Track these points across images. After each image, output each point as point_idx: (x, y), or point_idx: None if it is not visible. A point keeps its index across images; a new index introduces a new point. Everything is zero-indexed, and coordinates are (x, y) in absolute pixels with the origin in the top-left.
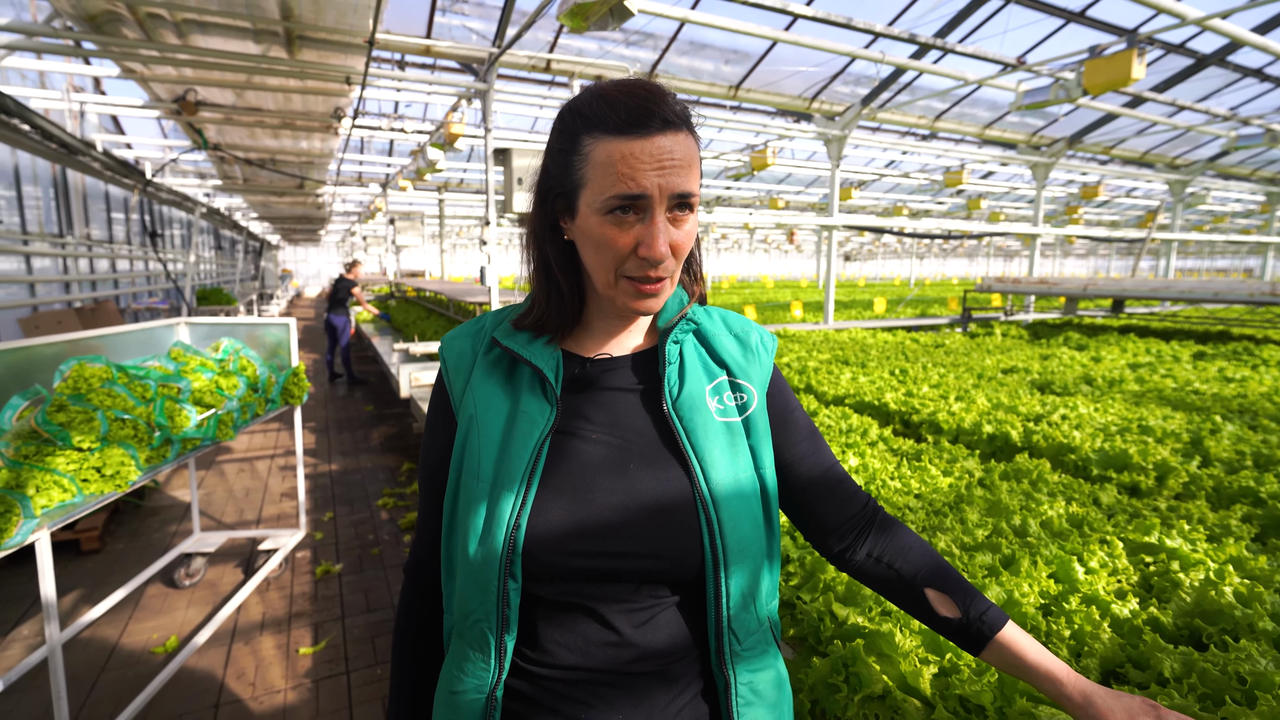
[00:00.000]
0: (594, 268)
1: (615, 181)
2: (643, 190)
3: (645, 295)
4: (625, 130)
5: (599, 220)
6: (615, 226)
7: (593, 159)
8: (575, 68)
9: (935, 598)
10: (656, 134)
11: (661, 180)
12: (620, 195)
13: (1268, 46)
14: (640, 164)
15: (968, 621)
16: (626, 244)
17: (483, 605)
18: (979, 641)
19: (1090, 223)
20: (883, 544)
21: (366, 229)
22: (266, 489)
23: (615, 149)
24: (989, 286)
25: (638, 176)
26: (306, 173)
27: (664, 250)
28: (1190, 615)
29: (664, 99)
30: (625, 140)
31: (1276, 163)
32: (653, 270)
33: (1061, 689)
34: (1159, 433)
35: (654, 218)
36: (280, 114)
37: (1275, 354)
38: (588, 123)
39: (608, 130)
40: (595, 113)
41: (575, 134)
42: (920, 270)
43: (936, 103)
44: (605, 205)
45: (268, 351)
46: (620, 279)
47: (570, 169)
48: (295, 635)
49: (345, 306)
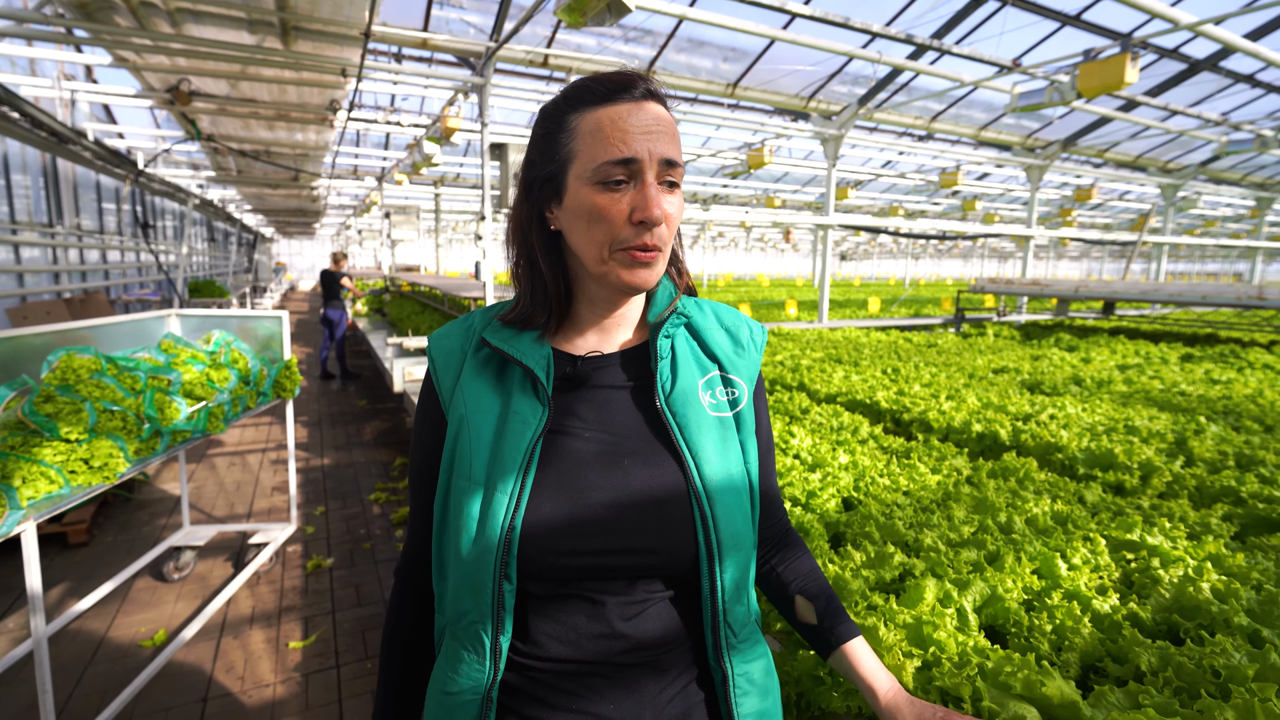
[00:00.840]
0: (585, 245)
1: (606, 147)
2: (634, 153)
3: (640, 264)
4: (610, 97)
5: (590, 191)
6: (608, 194)
7: (580, 130)
8: (573, 63)
9: (801, 604)
10: (641, 99)
11: (650, 145)
12: (612, 160)
13: (1259, 52)
14: (629, 127)
15: (821, 629)
16: (621, 212)
17: (477, 606)
18: (826, 648)
19: (1084, 225)
20: (779, 556)
21: (362, 223)
22: (257, 482)
23: (603, 114)
24: (982, 288)
25: (628, 140)
26: (301, 165)
27: (659, 213)
28: (1169, 611)
29: (645, 76)
30: (612, 105)
31: (1266, 168)
32: (649, 237)
33: (875, 700)
34: (1144, 433)
35: (646, 181)
36: (275, 105)
37: (1261, 356)
38: (572, 102)
39: (593, 101)
40: (579, 91)
41: (560, 116)
42: (915, 270)
43: (933, 104)
44: (597, 173)
45: (260, 344)
46: (615, 252)
47: (556, 149)
48: (285, 629)
49: (340, 300)
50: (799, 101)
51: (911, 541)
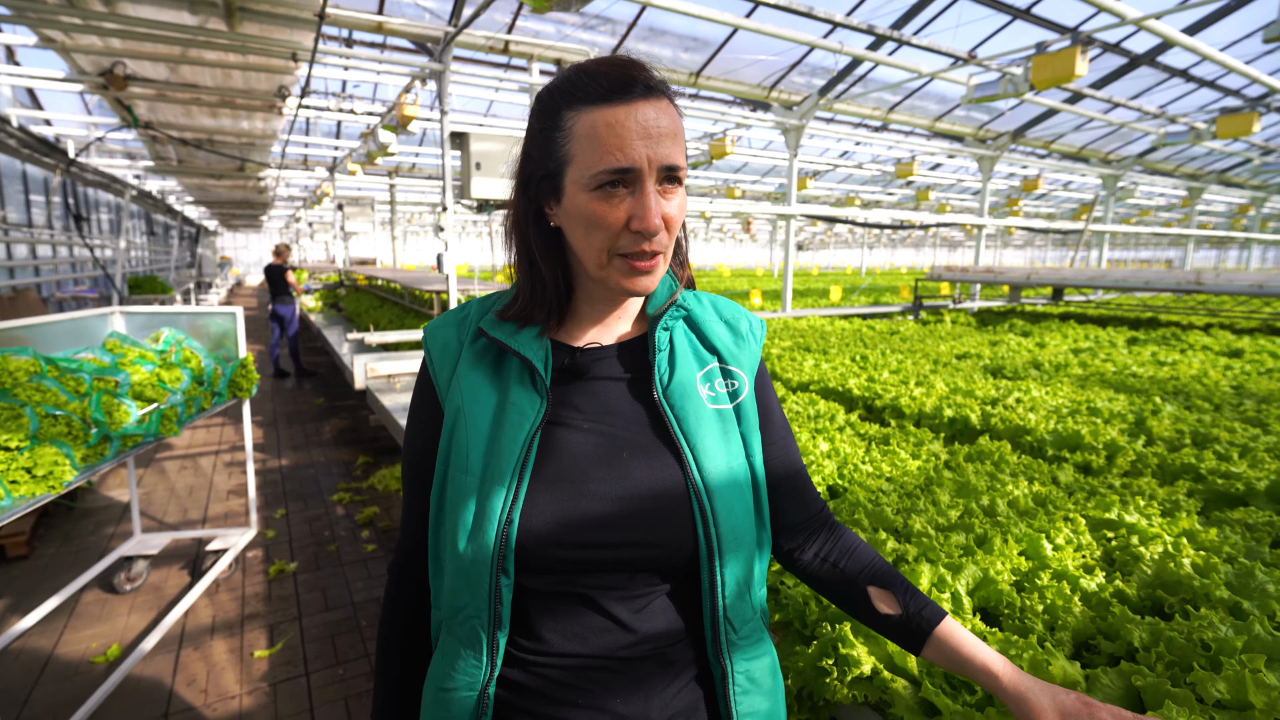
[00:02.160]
0: (584, 249)
1: (603, 155)
2: (631, 163)
3: (639, 273)
4: (607, 98)
5: (587, 197)
6: (605, 202)
7: (576, 132)
8: (534, 50)
9: (877, 595)
10: (639, 100)
11: (649, 151)
12: (609, 169)
13: (1196, 47)
14: (626, 133)
15: (908, 617)
16: (618, 219)
17: (474, 602)
18: (919, 637)
19: (1029, 214)
20: (829, 546)
21: (313, 215)
22: (212, 486)
23: (599, 118)
24: (939, 275)
25: (625, 148)
26: (247, 154)
27: (658, 222)
28: (1152, 587)
29: (644, 67)
30: (609, 108)
31: (1197, 159)
32: (647, 244)
33: (998, 683)
34: (1106, 414)
35: (645, 189)
36: (219, 91)
37: (1199, 339)
38: (568, 97)
39: (589, 100)
40: (575, 86)
41: (556, 111)
42: (870, 260)
43: (888, 95)
44: (594, 180)
45: (212, 342)
46: (613, 258)
47: (553, 148)
48: (249, 638)
49: (289, 294)
50: (760, 91)
51: (901, 527)
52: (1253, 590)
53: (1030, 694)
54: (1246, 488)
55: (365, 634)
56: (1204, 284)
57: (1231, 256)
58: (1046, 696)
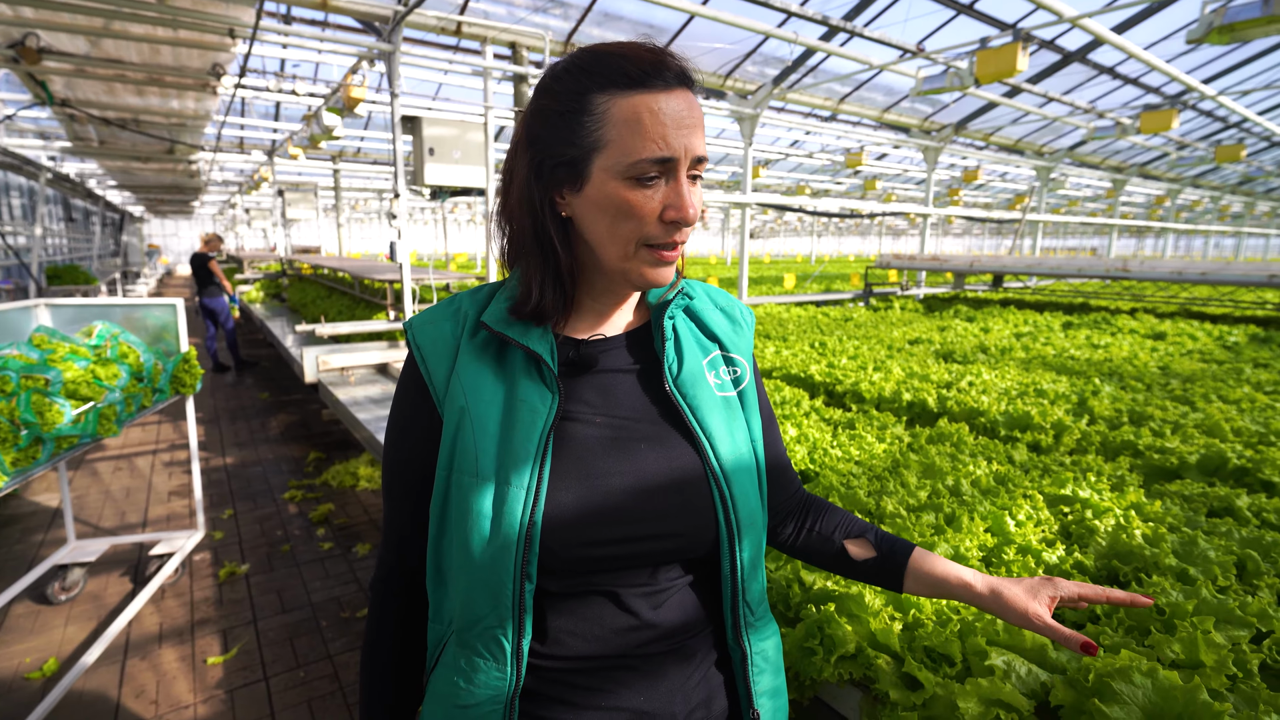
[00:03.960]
0: (607, 239)
1: (645, 143)
2: (673, 152)
3: (665, 264)
4: (644, 83)
5: (620, 185)
6: (641, 190)
7: (612, 117)
8: (488, 32)
9: (852, 546)
10: (675, 88)
11: (686, 141)
12: (651, 158)
13: (1124, 45)
14: (668, 121)
15: (883, 557)
16: (653, 209)
17: (495, 610)
18: (897, 572)
19: (968, 204)
20: (809, 518)
21: (249, 200)
22: (151, 488)
23: (640, 104)
24: (887, 263)
25: (667, 136)
26: (177, 136)
27: (695, 213)
28: (1107, 557)
29: (674, 55)
30: (649, 94)
31: (1121, 152)
32: (679, 235)
33: (974, 590)
34: (1051, 395)
35: (680, 179)
36: (146, 68)
37: (1127, 323)
38: (597, 79)
39: (624, 84)
40: (606, 67)
41: (582, 92)
42: (818, 248)
43: (838, 86)
44: (632, 169)
45: (151, 336)
46: (640, 249)
47: (578, 131)
48: (201, 644)
49: (217, 285)
50: (716, 80)
51: (874, 509)
52: (1196, 557)
53: (1002, 587)
54: (1180, 461)
55: (325, 635)
56: (1130, 271)
57: (1148, 245)
58: (1015, 585)
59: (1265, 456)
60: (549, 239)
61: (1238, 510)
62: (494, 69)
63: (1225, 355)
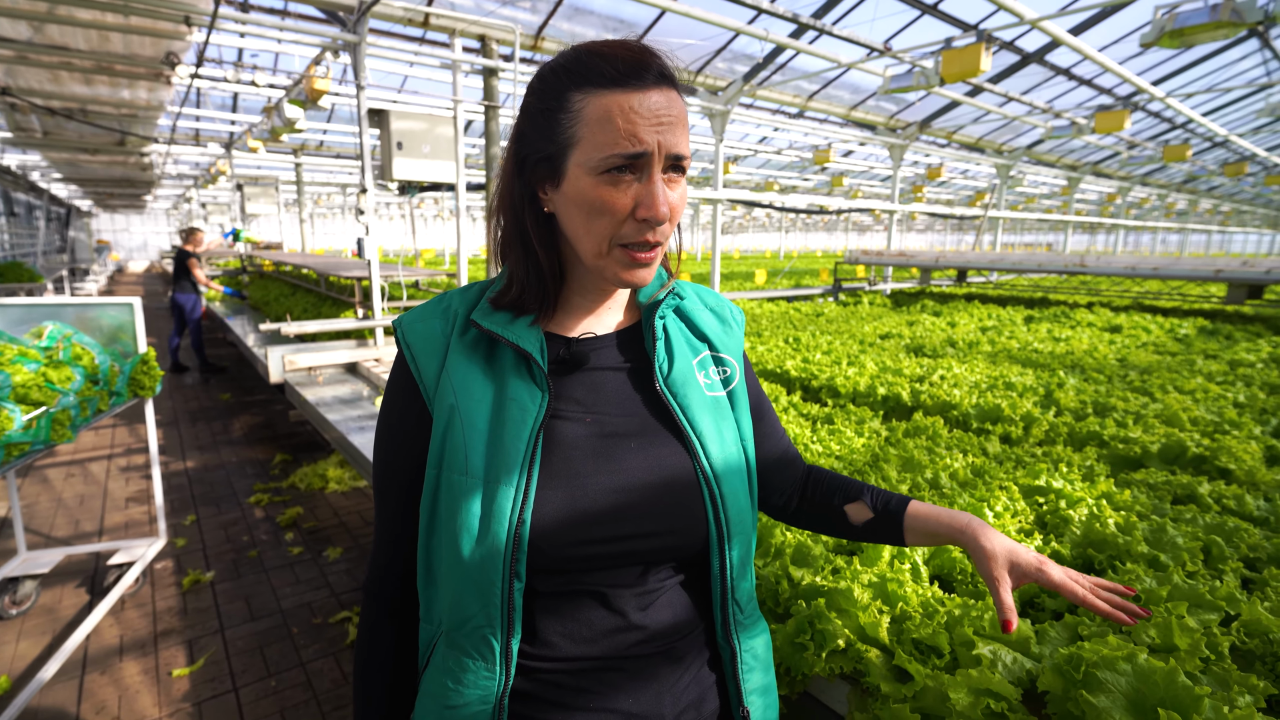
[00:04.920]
0: (583, 236)
1: (615, 138)
2: (643, 148)
3: (638, 265)
4: (621, 82)
5: (593, 181)
6: (611, 187)
7: (586, 115)
8: (457, 24)
9: (852, 509)
10: (653, 87)
11: (660, 137)
12: (622, 154)
13: (1080, 47)
14: (640, 118)
15: (881, 515)
16: (624, 206)
17: (484, 609)
18: (897, 526)
19: (931, 200)
20: (808, 489)
21: (206, 195)
22: (107, 494)
23: (613, 102)
24: (855, 259)
25: (638, 132)
26: (129, 127)
27: (665, 210)
28: (1083, 546)
29: (656, 54)
30: (623, 93)
31: (1075, 151)
32: (650, 234)
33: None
34: (1019, 388)
35: (652, 176)
36: (94, 56)
37: (1085, 316)
38: (577, 78)
39: (603, 83)
40: (587, 67)
41: (562, 91)
42: (786, 244)
43: (806, 84)
44: (603, 164)
45: (106, 336)
46: (614, 247)
47: (556, 129)
48: (165, 656)
49: (192, 282)
50: (687, 76)
51: None
52: (1165, 544)
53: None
54: (1143, 451)
55: (297, 642)
56: (1087, 266)
57: (1099, 240)
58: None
59: (1221, 445)
60: (527, 233)
61: (1200, 497)
62: (463, 62)
63: (1177, 347)
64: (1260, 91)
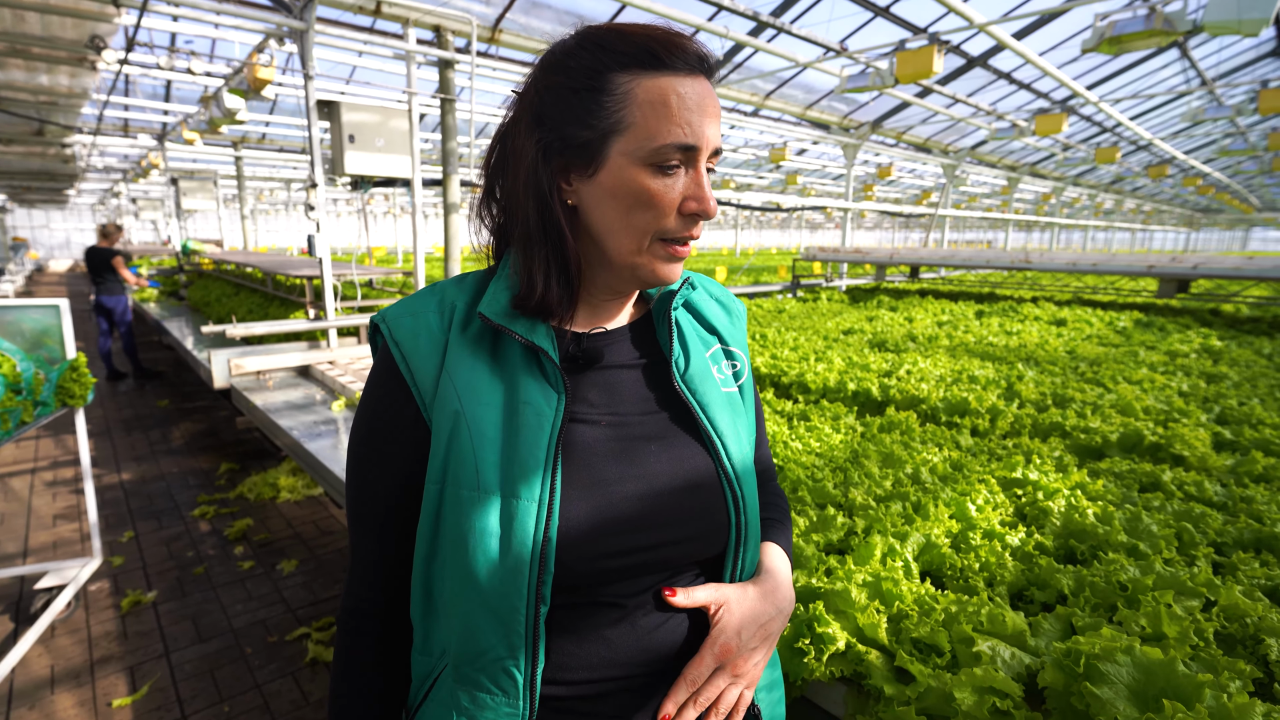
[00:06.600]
0: (619, 230)
1: (670, 126)
2: (697, 140)
3: (676, 260)
4: (669, 65)
5: (640, 172)
6: (661, 178)
7: (637, 98)
8: (410, 14)
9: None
10: (700, 74)
11: (708, 130)
12: (676, 143)
13: (1025, 53)
14: (694, 107)
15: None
16: (673, 199)
17: (505, 639)
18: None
19: (881, 199)
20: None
21: (137, 189)
22: (31, 512)
23: (668, 86)
24: (813, 256)
25: (694, 122)
26: (48, 116)
27: (714, 205)
28: (1064, 537)
29: (688, 36)
30: (675, 76)
31: (1015, 152)
32: (695, 229)
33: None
34: (982, 381)
35: (699, 169)
36: (9, 38)
37: (1031, 310)
38: (619, 58)
39: (648, 64)
40: (630, 47)
41: (600, 70)
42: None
43: (762, 83)
44: (656, 154)
45: (29, 342)
46: (654, 242)
47: (596, 111)
48: (103, 685)
49: (117, 282)
50: None
51: (843, 501)
52: (1142, 532)
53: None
54: (1104, 440)
55: (251, 663)
56: (1031, 262)
57: (1035, 238)
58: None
59: (1174, 433)
60: (558, 227)
61: (1164, 485)
62: (417, 53)
63: (1119, 339)
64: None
